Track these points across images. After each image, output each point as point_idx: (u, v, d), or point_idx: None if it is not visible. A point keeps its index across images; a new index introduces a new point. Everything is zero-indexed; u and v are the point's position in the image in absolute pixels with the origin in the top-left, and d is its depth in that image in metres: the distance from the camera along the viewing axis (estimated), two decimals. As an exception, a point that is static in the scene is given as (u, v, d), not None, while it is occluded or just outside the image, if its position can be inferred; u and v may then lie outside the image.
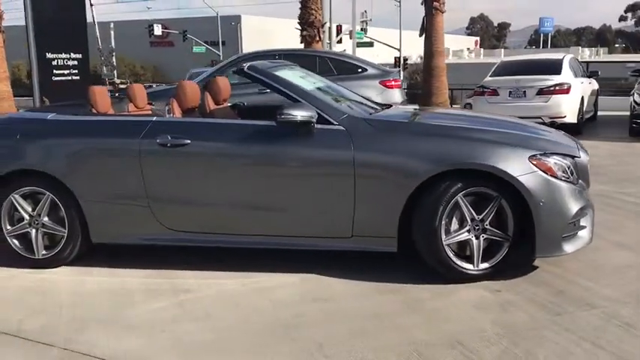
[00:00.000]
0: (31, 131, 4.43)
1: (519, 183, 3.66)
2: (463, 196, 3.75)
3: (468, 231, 3.81)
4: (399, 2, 45.87)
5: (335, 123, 3.98)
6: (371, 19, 37.03)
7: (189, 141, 4.07)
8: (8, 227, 4.41)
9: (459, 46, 70.74)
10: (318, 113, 3.96)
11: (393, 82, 9.70)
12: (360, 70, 9.71)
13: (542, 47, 76.69)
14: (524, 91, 10.62)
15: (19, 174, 4.35)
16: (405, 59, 35.45)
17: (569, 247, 3.81)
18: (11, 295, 3.94)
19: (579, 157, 3.98)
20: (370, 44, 41.11)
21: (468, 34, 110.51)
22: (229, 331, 3.29)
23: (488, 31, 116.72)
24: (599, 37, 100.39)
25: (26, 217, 4.36)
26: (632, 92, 10.66)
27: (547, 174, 3.73)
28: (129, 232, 4.28)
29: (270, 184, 4.02)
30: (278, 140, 3.99)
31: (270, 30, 51.04)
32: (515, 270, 3.95)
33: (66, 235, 4.32)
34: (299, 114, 3.88)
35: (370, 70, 9.77)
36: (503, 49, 79.23)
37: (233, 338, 3.20)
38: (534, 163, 3.73)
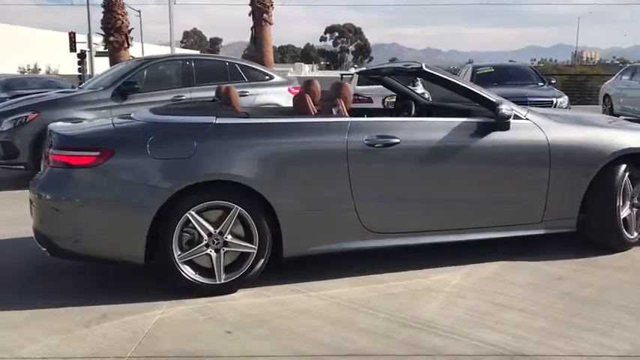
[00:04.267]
0: (212, 137, 3.78)
1: None
2: (628, 177, 4.45)
3: (629, 207, 4.51)
4: (139, 13, 44.60)
5: (523, 117, 4.31)
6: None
7: (398, 140, 3.99)
8: (179, 252, 3.70)
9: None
10: None
11: (295, 90, 9.96)
12: (267, 77, 9.76)
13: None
14: (396, 99, 11.72)
15: (194, 187, 3.70)
16: None
17: None
18: (254, 328, 3.37)
19: None
20: (106, 54, 39.08)
21: (183, 47, 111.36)
22: (556, 315, 3.42)
23: (202, 46, 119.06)
24: (304, 55, 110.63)
25: (205, 236, 3.72)
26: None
27: None
28: (327, 240, 3.97)
29: (479, 179, 4.18)
30: (487, 136, 4.16)
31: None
32: None
33: (255, 252, 3.81)
34: (509, 109, 4.14)
35: (277, 78, 9.93)
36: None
37: (576, 319, 3.37)
38: None
